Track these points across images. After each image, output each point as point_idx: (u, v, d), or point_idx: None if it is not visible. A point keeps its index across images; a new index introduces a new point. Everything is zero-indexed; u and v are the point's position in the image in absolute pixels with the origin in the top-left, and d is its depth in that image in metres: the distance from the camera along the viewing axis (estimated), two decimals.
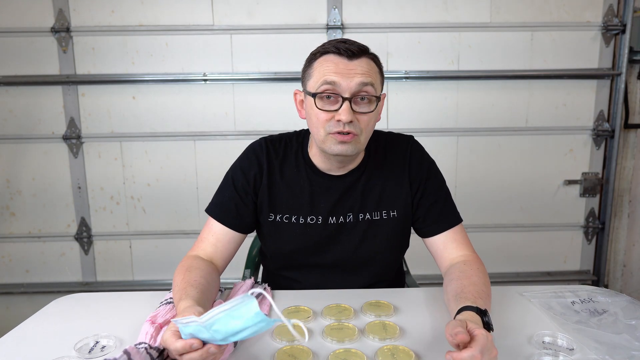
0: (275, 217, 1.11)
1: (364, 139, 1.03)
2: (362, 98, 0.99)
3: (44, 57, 2.18)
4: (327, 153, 1.03)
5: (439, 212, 1.11)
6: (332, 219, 1.11)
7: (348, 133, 0.98)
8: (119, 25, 2.16)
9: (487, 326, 0.82)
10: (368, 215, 1.11)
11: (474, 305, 0.85)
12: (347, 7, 2.17)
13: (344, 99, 0.97)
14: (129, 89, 2.21)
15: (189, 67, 2.20)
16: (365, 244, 1.12)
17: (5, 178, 2.28)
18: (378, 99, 1.02)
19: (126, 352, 0.75)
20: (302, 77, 1.07)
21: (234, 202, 1.10)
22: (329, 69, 0.99)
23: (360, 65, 0.99)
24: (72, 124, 2.23)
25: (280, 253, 1.15)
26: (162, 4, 2.15)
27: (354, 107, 0.99)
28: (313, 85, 1.01)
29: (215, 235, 1.09)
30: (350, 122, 0.98)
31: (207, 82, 2.21)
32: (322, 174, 1.11)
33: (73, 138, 2.23)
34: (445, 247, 1.09)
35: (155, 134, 2.25)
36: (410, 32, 2.20)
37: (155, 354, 0.78)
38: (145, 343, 0.80)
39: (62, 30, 2.15)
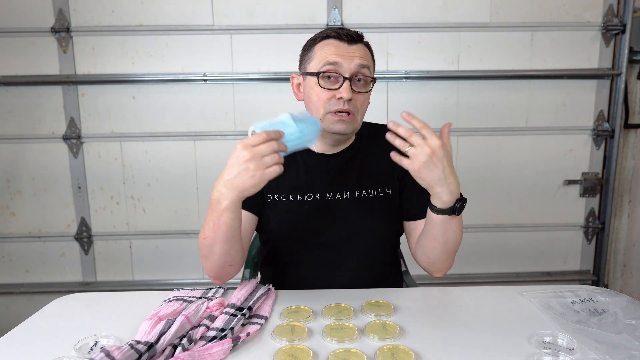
0: (273, 197, 1.15)
1: (360, 118, 1.12)
2: (359, 80, 1.09)
3: (44, 57, 2.18)
4: (326, 131, 1.10)
5: (425, 199, 1.13)
6: (329, 195, 1.15)
7: (348, 113, 1.06)
8: (119, 25, 2.16)
9: (461, 207, 0.99)
10: (364, 192, 1.16)
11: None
12: (347, 7, 2.17)
13: (345, 79, 1.06)
14: (129, 89, 2.21)
15: (189, 67, 2.20)
16: (362, 220, 1.15)
17: (5, 178, 2.28)
18: (373, 80, 1.12)
19: (104, 350, 0.75)
20: (301, 61, 1.16)
21: None
22: (331, 51, 1.07)
23: (358, 49, 1.09)
24: (72, 124, 2.23)
25: (280, 233, 1.17)
26: (162, 4, 2.15)
27: (353, 87, 1.07)
28: (315, 66, 1.09)
29: None
30: (350, 100, 1.06)
31: (207, 82, 2.21)
32: (316, 154, 1.17)
33: (73, 138, 2.23)
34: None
35: (155, 134, 2.25)
36: (410, 32, 2.20)
37: (143, 348, 0.78)
38: (133, 340, 0.80)
39: (62, 30, 2.15)
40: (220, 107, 2.24)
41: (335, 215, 1.15)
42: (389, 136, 0.94)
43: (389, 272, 1.26)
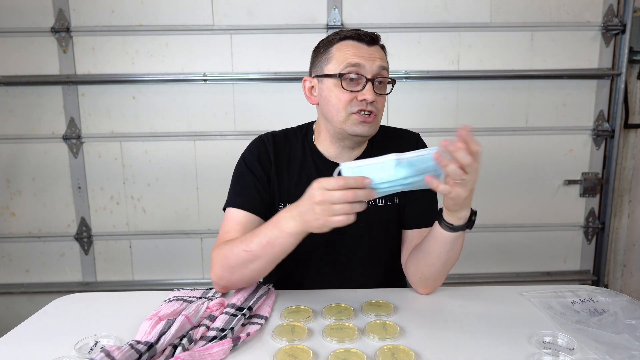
0: (285, 206, 1.12)
1: (379, 120, 1.10)
2: (379, 82, 1.06)
3: (44, 57, 2.18)
4: (347, 133, 1.07)
5: (422, 209, 1.15)
6: None
7: (370, 113, 1.04)
8: (119, 25, 2.16)
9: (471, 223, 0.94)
10: (372, 202, 1.13)
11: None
12: (347, 7, 2.17)
13: (367, 80, 1.03)
14: (129, 89, 2.21)
15: (189, 67, 2.20)
16: (369, 231, 1.13)
17: (5, 178, 2.28)
18: (392, 82, 1.10)
19: (104, 350, 0.75)
20: (315, 63, 1.11)
21: (256, 188, 1.11)
22: (351, 52, 1.05)
23: (377, 50, 1.07)
24: (72, 124, 2.23)
25: None
26: (162, 4, 2.15)
27: (375, 88, 1.05)
28: (334, 68, 1.06)
29: (242, 224, 1.07)
30: (373, 101, 1.04)
31: (207, 82, 2.21)
32: (330, 162, 1.14)
33: (73, 138, 2.23)
34: (416, 242, 1.11)
35: (155, 134, 2.25)
36: (410, 32, 2.20)
37: (143, 348, 0.78)
38: (133, 340, 0.80)
39: (62, 30, 2.15)
40: (220, 107, 2.23)
41: (345, 226, 1.14)
42: (443, 161, 0.81)
43: (393, 279, 1.25)
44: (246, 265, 0.96)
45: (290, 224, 0.89)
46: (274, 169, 1.13)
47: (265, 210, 1.11)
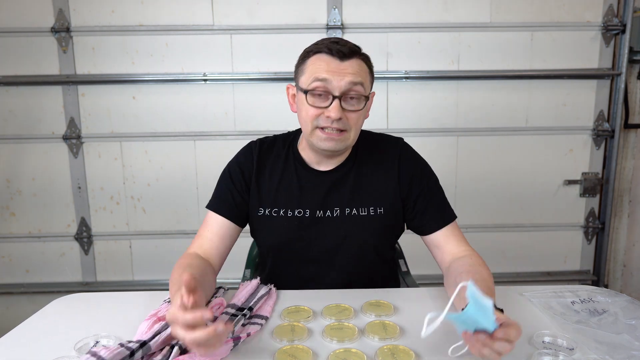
0: (265, 211, 1.14)
1: (353, 134, 1.07)
2: (351, 97, 1.03)
3: (44, 57, 2.18)
4: (315, 146, 1.08)
5: (437, 209, 1.14)
6: (319, 213, 1.13)
7: (339, 130, 1.03)
8: (119, 25, 2.16)
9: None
10: (355, 210, 1.13)
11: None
12: (347, 7, 2.17)
13: (334, 97, 1.01)
14: (129, 89, 2.21)
15: (189, 67, 2.20)
16: (350, 237, 1.13)
17: (5, 178, 2.28)
18: (367, 98, 1.06)
19: (90, 351, 0.75)
20: (295, 73, 1.12)
21: (231, 193, 1.15)
22: (321, 67, 1.03)
23: (351, 65, 1.03)
24: (72, 124, 2.23)
25: (271, 247, 1.17)
26: (162, 4, 2.15)
27: (344, 105, 1.03)
28: (305, 81, 1.05)
29: (212, 230, 1.13)
30: (339, 119, 1.02)
31: (207, 82, 2.21)
32: (311, 169, 1.15)
33: (73, 138, 2.23)
34: (447, 242, 1.10)
35: (155, 134, 2.25)
36: (410, 32, 2.20)
37: (135, 345, 0.77)
38: (125, 341, 0.80)
39: (62, 30, 2.15)
40: (220, 107, 2.23)
41: (323, 232, 1.13)
42: (475, 345, 0.73)
43: (380, 284, 1.23)
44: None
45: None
46: (255, 175, 1.15)
47: (239, 215, 1.14)
